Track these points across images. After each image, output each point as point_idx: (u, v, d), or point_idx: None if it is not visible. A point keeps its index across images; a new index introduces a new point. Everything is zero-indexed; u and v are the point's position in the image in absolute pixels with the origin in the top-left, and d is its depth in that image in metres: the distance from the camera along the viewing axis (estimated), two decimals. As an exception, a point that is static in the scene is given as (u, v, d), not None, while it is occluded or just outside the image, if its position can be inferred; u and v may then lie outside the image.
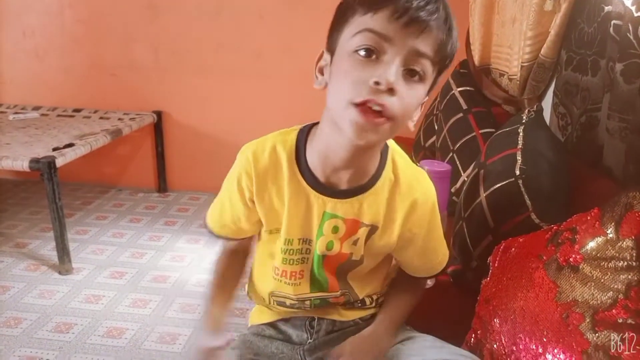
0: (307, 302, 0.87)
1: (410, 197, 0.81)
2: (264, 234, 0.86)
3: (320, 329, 0.90)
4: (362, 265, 0.85)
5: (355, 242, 0.82)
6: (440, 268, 0.92)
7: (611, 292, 0.66)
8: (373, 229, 0.82)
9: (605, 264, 0.68)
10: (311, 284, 0.85)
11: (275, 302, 0.90)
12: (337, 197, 0.79)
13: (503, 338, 0.81)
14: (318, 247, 0.82)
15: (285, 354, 0.89)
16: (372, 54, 0.65)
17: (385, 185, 0.80)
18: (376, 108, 0.64)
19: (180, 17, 2.72)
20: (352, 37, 0.66)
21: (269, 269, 0.88)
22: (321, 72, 0.74)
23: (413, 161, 0.88)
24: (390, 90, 0.64)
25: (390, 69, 0.64)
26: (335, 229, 0.80)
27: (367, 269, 0.87)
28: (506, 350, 0.80)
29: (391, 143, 0.83)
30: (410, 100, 0.68)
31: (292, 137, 0.81)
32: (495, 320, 0.85)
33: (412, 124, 0.72)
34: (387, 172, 0.81)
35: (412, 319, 0.93)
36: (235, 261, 0.93)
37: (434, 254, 0.90)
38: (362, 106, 0.64)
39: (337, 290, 0.86)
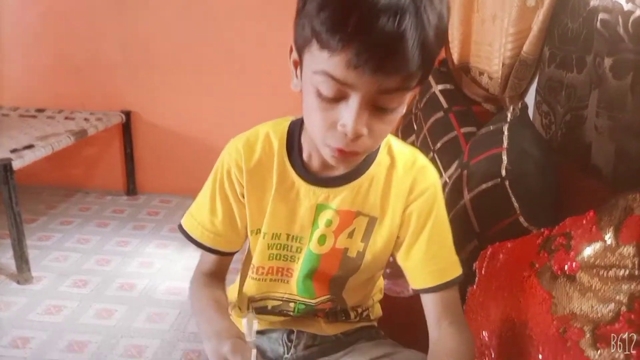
0: (292, 305, 0.81)
1: (410, 177, 0.74)
2: (250, 238, 0.79)
3: (299, 344, 0.84)
4: (359, 271, 0.78)
5: (350, 234, 0.75)
6: (450, 277, 0.74)
7: (613, 304, 0.61)
8: (372, 220, 0.75)
9: (605, 273, 0.63)
10: (298, 287, 0.79)
11: (254, 310, 0.83)
12: (330, 185, 0.73)
13: (493, 353, 0.75)
14: (311, 244, 0.76)
15: None
16: (334, 99, 0.59)
17: (381, 168, 0.75)
18: (350, 150, 0.62)
19: (149, 12, 2.60)
20: (313, 73, 0.58)
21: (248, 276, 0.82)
22: (295, 66, 0.66)
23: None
24: (358, 136, 0.60)
25: (354, 116, 0.57)
26: (328, 222, 0.75)
27: (366, 276, 0.81)
28: (497, 366, 0.74)
29: None
30: (386, 129, 0.63)
31: (284, 126, 0.76)
32: (483, 332, 0.79)
33: None
34: (383, 155, 0.75)
35: (395, 331, 0.87)
36: (213, 285, 0.81)
37: (440, 253, 0.76)
38: (337, 149, 0.62)
39: (326, 295, 0.80)
